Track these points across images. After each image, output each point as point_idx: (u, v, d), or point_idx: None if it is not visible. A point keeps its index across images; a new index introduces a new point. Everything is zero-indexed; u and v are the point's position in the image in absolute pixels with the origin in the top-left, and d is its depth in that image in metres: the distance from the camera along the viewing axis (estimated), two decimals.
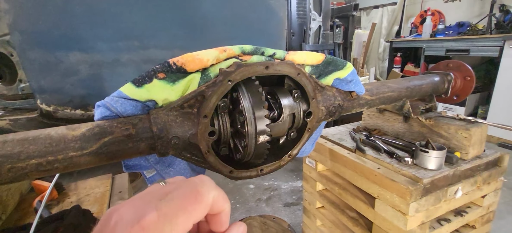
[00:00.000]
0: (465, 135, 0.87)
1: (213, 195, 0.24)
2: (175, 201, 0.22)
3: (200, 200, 0.23)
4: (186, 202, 0.22)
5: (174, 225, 0.21)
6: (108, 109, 0.46)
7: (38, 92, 1.01)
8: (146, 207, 0.21)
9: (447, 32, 3.39)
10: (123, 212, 0.21)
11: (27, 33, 0.92)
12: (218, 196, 0.25)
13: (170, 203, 0.21)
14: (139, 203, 0.22)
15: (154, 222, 0.20)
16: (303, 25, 2.10)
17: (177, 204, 0.21)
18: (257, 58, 0.56)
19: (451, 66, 1.05)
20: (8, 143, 0.37)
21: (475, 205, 0.99)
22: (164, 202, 0.21)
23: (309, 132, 0.64)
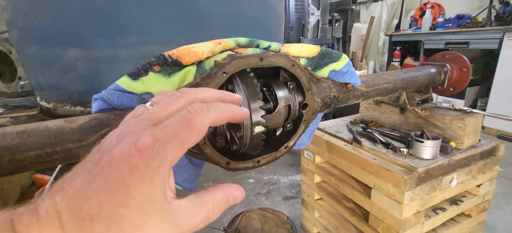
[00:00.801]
0: (460, 125, 0.88)
1: (208, 121, 0.24)
2: (169, 128, 0.22)
3: (192, 128, 0.22)
4: (180, 130, 0.22)
5: (169, 150, 0.21)
6: (105, 102, 0.47)
7: (37, 89, 1.01)
8: (142, 131, 0.21)
9: (447, 25, 3.38)
10: (120, 134, 0.22)
11: (25, 30, 0.92)
12: (217, 116, 0.25)
13: (164, 129, 0.22)
14: (135, 127, 0.22)
15: (149, 146, 0.20)
16: (302, 19, 2.10)
17: (171, 131, 0.22)
18: (252, 50, 0.57)
19: (447, 58, 1.05)
20: (7, 135, 0.38)
21: (470, 194, 1.00)
22: (158, 129, 0.22)
23: (305, 123, 0.65)
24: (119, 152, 0.20)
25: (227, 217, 1.68)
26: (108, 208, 0.18)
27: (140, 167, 0.20)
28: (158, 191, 0.20)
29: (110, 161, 0.20)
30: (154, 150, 0.20)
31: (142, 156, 0.20)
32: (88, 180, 0.19)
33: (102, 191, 0.19)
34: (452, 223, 0.98)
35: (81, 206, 0.18)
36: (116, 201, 0.19)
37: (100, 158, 0.20)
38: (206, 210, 0.24)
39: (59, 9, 0.88)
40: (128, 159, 0.20)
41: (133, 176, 0.19)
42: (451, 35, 3.15)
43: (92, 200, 0.18)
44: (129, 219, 0.19)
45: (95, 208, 0.18)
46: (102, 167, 0.20)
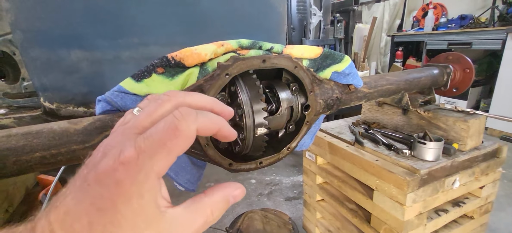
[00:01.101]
0: (463, 126, 0.87)
1: (196, 127, 0.23)
2: (154, 137, 0.21)
3: (178, 135, 0.21)
4: (165, 138, 0.21)
5: (155, 161, 0.20)
6: (108, 104, 0.47)
7: (41, 90, 1.02)
8: (126, 143, 0.20)
9: (449, 26, 3.36)
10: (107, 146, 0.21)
11: (28, 31, 0.92)
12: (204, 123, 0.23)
13: (149, 139, 0.20)
14: (121, 138, 0.21)
15: (133, 159, 0.19)
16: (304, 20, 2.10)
17: (156, 140, 0.20)
18: (255, 52, 0.57)
19: (450, 59, 1.05)
20: (12, 136, 0.39)
21: (473, 196, 1.00)
22: (142, 139, 0.20)
23: (307, 125, 0.65)
24: (103, 167, 0.19)
25: (229, 217, 1.68)
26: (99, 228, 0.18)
27: (125, 182, 0.19)
28: (149, 204, 0.20)
29: (95, 177, 0.19)
30: (139, 163, 0.19)
31: (127, 170, 0.19)
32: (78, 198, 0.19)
33: (91, 209, 0.18)
34: (455, 225, 0.98)
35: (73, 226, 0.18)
36: (106, 219, 0.18)
37: (87, 173, 0.20)
38: (204, 215, 0.23)
39: (61, 11, 0.88)
40: (113, 174, 0.19)
41: (120, 193, 0.19)
42: (453, 36, 3.13)
43: (83, 219, 0.18)
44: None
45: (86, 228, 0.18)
46: (88, 184, 0.19)
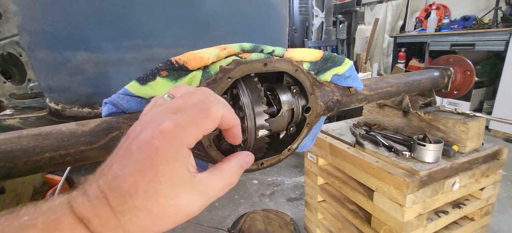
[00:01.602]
0: (463, 128, 0.88)
1: (222, 113, 0.27)
2: (188, 115, 0.25)
3: (208, 116, 0.25)
4: (197, 117, 0.25)
5: (187, 134, 0.24)
6: (114, 106, 0.49)
7: (46, 91, 1.04)
8: (164, 117, 0.24)
9: (452, 27, 3.35)
10: (144, 122, 0.25)
11: (35, 33, 0.94)
12: (227, 114, 0.28)
13: (183, 116, 0.25)
14: (157, 115, 0.25)
15: (171, 129, 0.23)
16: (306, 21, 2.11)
17: (189, 117, 0.25)
18: (256, 55, 0.59)
19: (451, 61, 1.06)
20: (23, 138, 0.40)
21: (473, 197, 1.00)
22: (178, 115, 0.25)
23: (308, 126, 0.66)
24: (144, 136, 0.23)
25: (231, 217, 1.70)
26: (143, 185, 0.22)
27: (163, 147, 0.23)
28: (182, 167, 0.24)
29: (138, 145, 0.23)
30: (175, 133, 0.23)
31: (165, 138, 0.23)
32: (123, 164, 0.23)
33: (135, 171, 0.22)
34: (455, 226, 0.98)
35: (121, 186, 0.22)
36: (148, 178, 0.22)
37: (129, 144, 0.24)
38: (226, 177, 0.28)
39: (67, 13, 0.90)
40: (152, 141, 0.23)
41: (158, 156, 0.22)
42: (456, 37, 3.12)
43: (129, 179, 0.22)
44: (162, 192, 0.22)
45: (132, 186, 0.22)
46: (132, 151, 0.23)
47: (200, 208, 0.25)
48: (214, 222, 1.66)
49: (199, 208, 0.25)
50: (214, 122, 0.26)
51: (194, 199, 0.24)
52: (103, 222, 0.21)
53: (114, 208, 0.21)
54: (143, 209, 0.22)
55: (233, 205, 1.82)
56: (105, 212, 0.21)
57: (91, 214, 0.21)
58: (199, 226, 1.63)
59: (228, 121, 0.28)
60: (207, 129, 0.26)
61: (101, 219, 0.21)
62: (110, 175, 0.22)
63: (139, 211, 0.22)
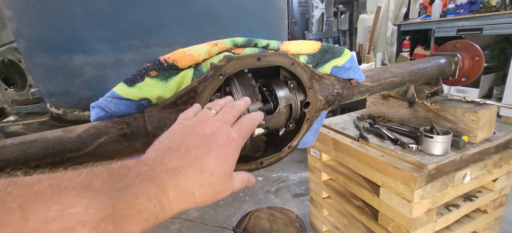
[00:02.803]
0: (473, 117, 0.84)
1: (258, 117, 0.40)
2: (244, 130, 0.36)
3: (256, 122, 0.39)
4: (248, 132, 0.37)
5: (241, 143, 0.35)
6: (103, 110, 0.47)
7: (46, 96, 1.03)
8: (229, 129, 0.34)
9: (458, 11, 3.24)
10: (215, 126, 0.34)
11: (31, 39, 0.93)
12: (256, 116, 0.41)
13: (242, 130, 0.36)
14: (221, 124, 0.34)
15: (236, 139, 0.33)
16: (306, 13, 2.06)
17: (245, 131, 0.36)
18: (250, 50, 0.56)
19: (458, 47, 1.01)
20: (6, 147, 0.39)
21: (486, 189, 0.96)
22: (238, 129, 0.35)
23: (308, 122, 0.64)
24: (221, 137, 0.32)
25: (236, 215, 1.69)
26: (219, 168, 0.31)
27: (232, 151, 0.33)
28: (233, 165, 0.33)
29: (219, 145, 0.32)
30: (238, 142, 0.34)
31: (232, 143, 0.33)
32: (203, 152, 0.31)
33: (216, 159, 0.31)
34: (467, 220, 0.95)
35: (203, 167, 0.30)
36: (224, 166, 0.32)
37: (207, 139, 0.32)
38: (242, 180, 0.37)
39: (62, 17, 0.88)
40: (229, 145, 0.32)
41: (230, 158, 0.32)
42: (463, 22, 3.03)
43: (210, 162, 0.30)
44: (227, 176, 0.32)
45: (212, 167, 0.30)
46: (210, 144, 0.32)
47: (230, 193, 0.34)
48: (220, 221, 1.66)
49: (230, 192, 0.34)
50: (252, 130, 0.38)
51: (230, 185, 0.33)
52: (180, 192, 0.28)
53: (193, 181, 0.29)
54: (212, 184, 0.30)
55: (238, 203, 1.81)
56: (185, 185, 0.29)
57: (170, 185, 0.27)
58: (204, 225, 1.63)
59: None
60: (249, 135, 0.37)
61: (180, 189, 0.28)
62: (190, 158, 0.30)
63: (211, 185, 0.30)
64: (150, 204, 0.25)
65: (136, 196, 0.25)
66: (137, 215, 0.24)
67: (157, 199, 0.26)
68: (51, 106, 1.03)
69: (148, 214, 0.25)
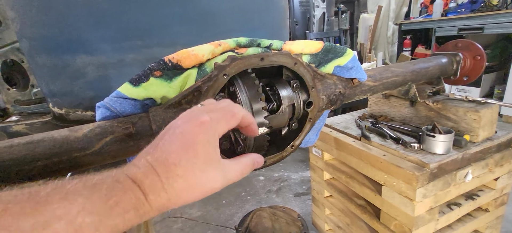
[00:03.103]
0: (474, 116, 0.84)
1: (242, 114, 0.36)
2: (219, 113, 0.33)
3: (233, 115, 0.35)
4: (226, 116, 0.34)
5: (219, 126, 0.32)
6: (108, 110, 0.47)
7: (49, 96, 1.04)
8: (202, 114, 0.32)
9: (459, 10, 3.24)
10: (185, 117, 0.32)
11: (34, 39, 0.94)
12: (246, 115, 0.37)
13: (216, 114, 0.33)
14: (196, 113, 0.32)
15: (208, 121, 0.31)
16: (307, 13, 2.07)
17: (220, 116, 0.33)
18: (253, 50, 0.56)
19: (459, 46, 1.01)
20: (14, 147, 0.39)
21: (487, 188, 0.96)
22: (212, 112, 0.33)
23: (310, 121, 0.64)
24: (187, 125, 0.30)
25: (238, 215, 1.69)
26: (185, 158, 0.28)
27: (202, 133, 0.30)
28: (213, 150, 0.31)
29: (181, 131, 0.30)
30: (211, 124, 0.31)
31: (203, 127, 0.30)
32: (169, 143, 0.29)
33: (179, 149, 0.29)
34: (469, 219, 0.95)
35: (167, 159, 0.28)
36: (189, 154, 0.29)
37: (173, 131, 0.30)
38: (242, 167, 0.36)
39: (64, 17, 0.89)
40: (193, 128, 0.30)
41: (198, 139, 0.30)
42: (464, 21, 3.02)
43: (174, 154, 0.28)
44: (198, 165, 0.29)
45: (177, 158, 0.28)
46: (176, 136, 0.30)
47: (222, 186, 0.32)
48: (222, 220, 1.66)
49: (220, 185, 0.32)
50: (237, 120, 0.35)
51: (218, 177, 0.31)
52: (152, 183, 0.27)
53: (160, 175, 0.28)
54: (182, 177, 0.28)
55: (240, 202, 1.81)
56: (153, 178, 0.27)
57: (142, 178, 0.27)
58: (206, 224, 1.63)
59: (246, 120, 0.37)
60: (232, 125, 0.35)
61: (150, 181, 0.27)
62: (157, 153, 0.29)
63: (179, 178, 0.28)
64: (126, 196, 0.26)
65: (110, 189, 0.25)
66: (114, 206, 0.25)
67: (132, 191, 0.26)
68: (54, 107, 1.04)
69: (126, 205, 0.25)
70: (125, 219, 0.25)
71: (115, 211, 0.25)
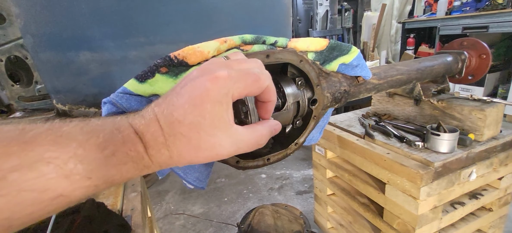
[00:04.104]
0: (480, 115, 0.83)
1: (267, 84, 0.31)
2: (241, 72, 0.28)
3: (257, 80, 0.29)
4: (247, 78, 0.28)
5: (236, 87, 0.27)
6: (114, 106, 0.47)
7: (53, 93, 1.04)
8: (219, 68, 0.27)
9: (464, 9, 3.21)
10: (202, 69, 0.28)
11: (38, 35, 0.94)
12: (271, 87, 0.32)
13: (237, 71, 0.28)
14: (214, 66, 0.29)
15: (223, 77, 0.26)
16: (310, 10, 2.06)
17: (241, 75, 0.28)
18: (258, 47, 0.56)
19: (465, 45, 1.00)
20: None
21: (491, 187, 0.96)
22: (233, 69, 0.28)
23: (315, 119, 0.64)
24: (200, 79, 0.26)
25: (240, 212, 1.70)
26: (190, 116, 0.25)
27: (213, 90, 0.26)
28: (224, 112, 0.27)
29: (193, 84, 0.26)
30: (226, 82, 0.26)
31: (216, 82, 0.26)
32: (177, 96, 0.26)
33: (186, 104, 0.25)
34: (472, 218, 0.95)
35: (172, 113, 0.25)
36: (196, 112, 0.25)
37: (185, 83, 0.27)
38: (257, 136, 0.31)
39: (68, 13, 0.89)
40: (205, 83, 0.26)
41: (208, 96, 0.26)
42: (468, 20, 3.00)
43: (180, 109, 0.25)
44: (204, 126, 0.26)
45: (182, 115, 0.25)
46: (186, 89, 0.26)
47: (229, 154, 0.28)
48: (224, 217, 1.67)
49: (228, 153, 0.28)
50: (259, 88, 0.30)
51: (227, 143, 0.27)
52: (153, 138, 0.25)
53: (163, 129, 0.25)
54: (185, 136, 0.25)
55: (242, 200, 1.82)
56: (156, 131, 0.25)
57: (145, 130, 0.25)
58: (209, 221, 1.64)
59: (269, 94, 0.32)
60: (252, 91, 0.29)
61: (152, 135, 0.25)
62: (164, 105, 0.26)
63: (183, 137, 0.25)
64: (125, 147, 0.24)
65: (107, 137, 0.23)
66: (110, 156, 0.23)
67: (132, 143, 0.25)
68: (57, 103, 1.04)
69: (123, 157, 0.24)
70: (122, 171, 0.24)
71: (111, 161, 0.23)
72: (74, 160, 0.22)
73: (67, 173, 0.21)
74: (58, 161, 0.21)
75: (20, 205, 0.20)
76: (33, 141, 0.21)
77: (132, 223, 0.65)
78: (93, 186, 0.23)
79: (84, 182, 0.22)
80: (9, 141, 0.20)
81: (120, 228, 0.60)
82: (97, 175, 0.23)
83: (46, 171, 0.20)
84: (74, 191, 0.22)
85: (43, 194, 0.21)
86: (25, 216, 0.21)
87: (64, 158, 0.21)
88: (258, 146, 0.31)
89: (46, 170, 0.20)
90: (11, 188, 0.19)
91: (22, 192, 0.20)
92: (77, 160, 0.22)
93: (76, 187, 0.22)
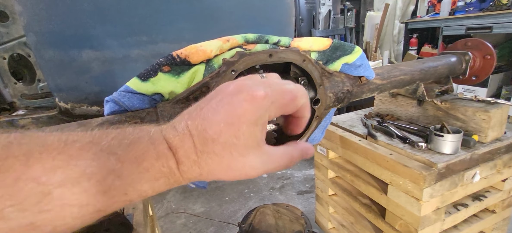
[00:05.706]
0: (484, 117, 0.83)
1: (303, 102, 0.30)
2: (278, 92, 0.28)
3: (294, 100, 0.29)
4: (285, 97, 0.28)
5: (273, 106, 0.27)
6: (116, 104, 0.47)
7: (55, 91, 1.04)
8: (258, 86, 0.27)
9: (468, 9, 3.19)
10: (241, 83, 0.27)
11: (41, 33, 0.94)
12: (306, 105, 0.31)
13: (274, 91, 0.27)
14: (252, 83, 0.28)
15: (261, 97, 0.26)
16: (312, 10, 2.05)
17: (278, 94, 0.28)
18: (261, 46, 0.56)
19: (469, 45, 0.99)
20: None
21: (495, 189, 0.95)
22: (270, 88, 0.27)
23: (317, 119, 0.63)
24: (238, 97, 0.26)
25: (241, 212, 1.70)
26: (225, 136, 0.25)
27: (251, 110, 0.25)
28: (258, 133, 0.26)
29: (229, 101, 0.26)
30: (263, 102, 0.26)
31: (254, 103, 0.25)
32: (212, 112, 0.25)
33: (222, 122, 0.25)
34: (475, 220, 0.94)
35: (207, 130, 0.25)
36: (231, 132, 0.25)
37: (221, 98, 0.26)
38: (288, 159, 0.30)
39: (71, 12, 0.89)
40: (243, 102, 0.25)
41: (245, 116, 0.25)
42: (472, 20, 2.97)
43: (215, 127, 0.25)
44: (238, 147, 0.25)
45: (216, 133, 0.25)
46: (223, 105, 0.25)
47: (259, 174, 0.28)
48: (225, 217, 1.67)
49: (257, 174, 0.28)
50: (295, 107, 0.30)
51: (257, 164, 0.27)
52: (186, 155, 0.25)
53: (196, 147, 0.25)
54: (218, 155, 0.25)
55: (243, 199, 1.82)
56: (189, 148, 0.25)
57: (178, 145, 0.25)
58: (210, 220, 1.64)
59: (303, 111, 0.32)
60: (288, 110, 0.29)
61: (186, 152, 0.25)
62: (199, 119, 0.25)
63: (215, 156, 0.25)
64: (158, 163, 0.24)
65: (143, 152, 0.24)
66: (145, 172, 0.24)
67: (165, 158, 0.25)
68: (60, 101, 1.04)
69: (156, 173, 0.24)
70: (154, 186, 0.24)
71: (145, 177, 0.24)
72: (113, 176, 0.22)
73: (105, 189, 0.22)
74: (98, 177, 0.21)
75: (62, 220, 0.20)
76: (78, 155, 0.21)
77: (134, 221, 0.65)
78: (128, 200, 0.23)
79: (120, 197, 0.23)
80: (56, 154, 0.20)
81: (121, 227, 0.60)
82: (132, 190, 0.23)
83: (87, 187, 0.21)
84: (112, 206, 0.22)
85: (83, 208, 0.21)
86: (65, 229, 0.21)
87: (103, 173, 0.21)
88: (287, 167, 0.31)
89: (87, 185, 0.21)
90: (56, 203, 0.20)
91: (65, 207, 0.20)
92: (115, 175, 0.22)
93: (114, 201, 0.22)
